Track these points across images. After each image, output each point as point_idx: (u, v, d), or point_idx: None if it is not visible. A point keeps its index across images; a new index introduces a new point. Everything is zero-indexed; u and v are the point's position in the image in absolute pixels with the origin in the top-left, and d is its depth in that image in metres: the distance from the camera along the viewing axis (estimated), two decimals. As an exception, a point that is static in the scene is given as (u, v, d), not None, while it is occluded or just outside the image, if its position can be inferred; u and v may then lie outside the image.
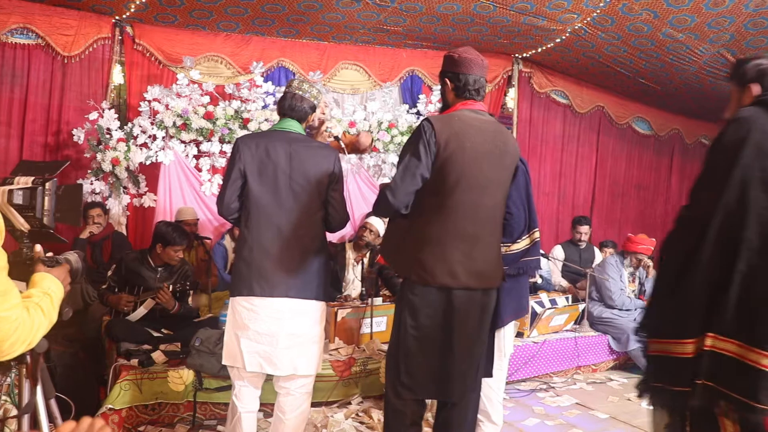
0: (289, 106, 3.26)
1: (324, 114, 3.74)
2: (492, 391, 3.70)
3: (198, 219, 6.04)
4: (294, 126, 3.24)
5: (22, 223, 2.18)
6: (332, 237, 6.14)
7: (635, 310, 6.04)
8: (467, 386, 3.02)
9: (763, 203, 2.17)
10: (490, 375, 3.26)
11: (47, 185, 2.20)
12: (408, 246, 2.99)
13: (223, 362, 3.25)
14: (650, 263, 6.25)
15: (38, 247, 2.15)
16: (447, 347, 2.93)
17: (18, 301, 1.75)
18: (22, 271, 2.12)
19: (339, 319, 4.63)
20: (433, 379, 2.96)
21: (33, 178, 2.20)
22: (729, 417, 2.18)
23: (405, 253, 2.99)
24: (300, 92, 3.26)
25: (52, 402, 2.39)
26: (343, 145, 3.95)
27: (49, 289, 1.96)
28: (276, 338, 3.09)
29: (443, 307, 2.91)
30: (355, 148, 3.81)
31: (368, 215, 5.79)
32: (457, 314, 2.91)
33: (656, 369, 2.39)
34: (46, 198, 2.20)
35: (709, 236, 2.21)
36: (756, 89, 2.45)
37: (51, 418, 2.41)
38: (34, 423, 2.36)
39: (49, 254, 2.16)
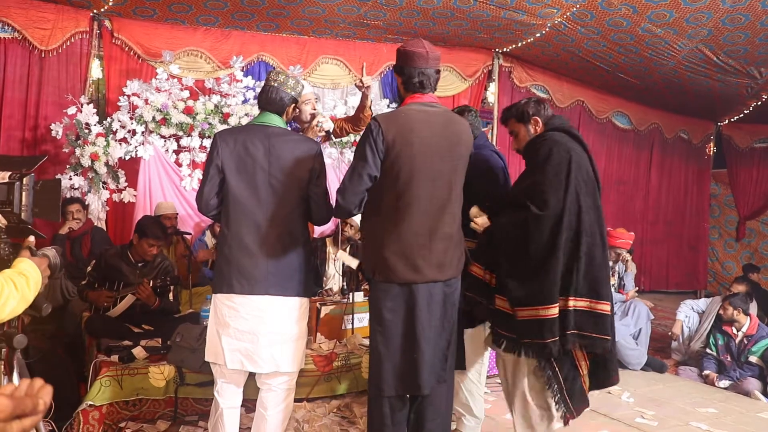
0: (266, 99, 3.20)
1: (315, 109, 3.74)
2: (474, 384, 3.73)
3: (177, 213, 6.01)
4: (273, 120, 3.18)
5: (0, 221, 2.15)
6: (313, 232, 6.14)
7: (615, 304, 6.07)
8: (436, 378, 3.04)
9: (589, 204, 3.04)
10: (462, 367, 3.29)
11: (25, 180, 2.17)
12: (370, 245, 3.04)
13: (206, 359, 3.23)
14: (629, 257, 6.30)
15: (31, 238, 2.13)
16: (412, 342, 2.95)
17: None
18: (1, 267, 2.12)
19: (322, 315, 4.63)
20: (402, 374, 2.98)
21: (10, 173, 2.17)
22: (580, 350, 3.11)
23: (368, 253, 3.05)
24: (277, 84, 3.20)
25: None
26: (333, 138, 3.95)
27: (26, 271, 1.93)
28: (257, 336, 3.07)
29: (406, 303, 2.95)
30: (354, 120, 3.80)
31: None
32: (419, 308, 2.94)
33: (526, 329, 3.08)
34: (24, 193, 2.17)
35: (563, 229, 3.00)
36: (540, 121, 3.27)
37: None
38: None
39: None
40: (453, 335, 3.12)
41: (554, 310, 3.02)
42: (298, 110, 3.39)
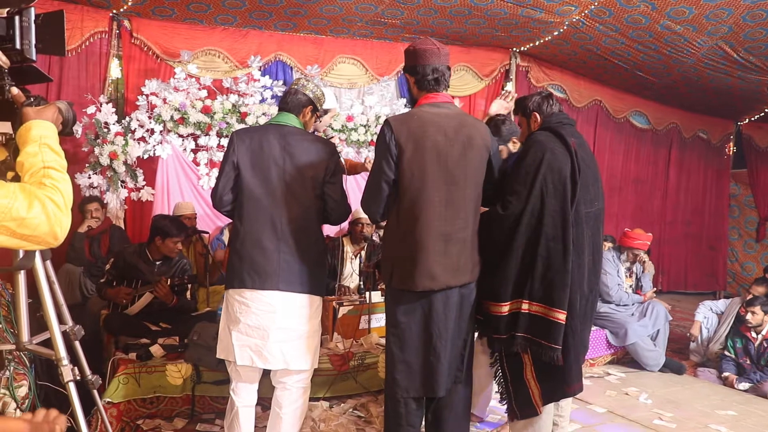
0: (284, 100, 3.28)
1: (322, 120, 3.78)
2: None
3: (196, 213, 6.03)
4: (289, 119, 3.22)
5: (1, 59, 2.01)
6: (330, 231, 6.14)
7: (632, 305, 6.05)
8: (452, 380, 3.05)
9: (555, 207, 3.01)
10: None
11: (24, 14, 2.02)
12: (388, 250, 3.05)
13: (217, 355, 3.26)
14: (646, 258, 6.25)
15: (15, 90, 2.02)
16: (428, 345, 2.97)
17: (27, 205, 1.65)
18: (3, 110, 2.05)
19: (339, 315, 4.63)
20: (419, 377, 2.99)
21: (7, 9, 2.01)
22: (527, 354, 3.11)
23: (387, 259, 3.05)
24: (296, 86, 3.29)
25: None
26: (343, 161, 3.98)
27: (43, 138, 1.83)
28: (267, 332, 3.08)
29: (421, 307, 2.96)
30: (353, 171, 3.86)
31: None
32: (435, 312, 2.95)
33: (485, 320, 3.18)
34: (25, 27, 2.02)
35: (521, 230, 3.03)
36: (539, 117, 3.28)
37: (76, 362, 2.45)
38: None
39: None
40: (469, 335, 3.12)
41: (503, 309, 3.09)
42: (317, 114, 3.40)
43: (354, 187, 6.55)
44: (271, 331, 3.08)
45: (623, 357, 6.13)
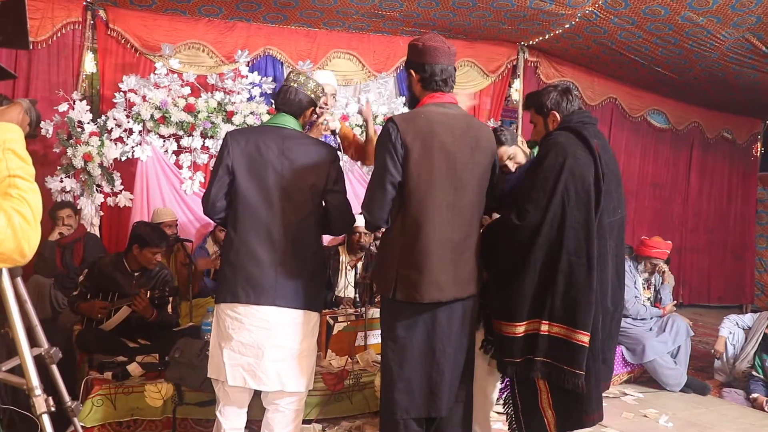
0: (283, 100, 3.25)
1: (326, 105, 3.73)
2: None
3: (177, 220, 6.00)
4: (288, 121, 3.22)
5: None
6: (324, 240, 6.12)
7: (651, 319, 6.03)
8: (454, 398, 3.06)
9: (577, 218, 2.94)
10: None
11: None
12: (388, 259, 3.03)
13: (208, 375, 3.24)
14: (665, 268, 6.24)
15: None
16: (430, 360, 2.98)
17: None
18: None
19: (334, 332, 4.61)
20: (420, 395, 2.99)
21: None
22: (543, 381, 3.07)
23: (387, 270, 3.02)
24: (295, 85, 3.25)
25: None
26: (338, 140, 3.94)
27: (7, 142, 1.78)
28: (262, 350, 3.07)
29: (425, 324, 2.96)
30: (359, 152, 3.79)
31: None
32: (438, 325, 2.96)
33: (498, 344, 3.17)
34: None
35: (539, 242, 2.97)
36: (558, 116, 3.18)
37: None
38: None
39: None
40: (472, 349, 3.14)
41: (518, 330, 3.03)
42: (315, 115, 3.40)
43: (351, 195, 6.53)
44: (266, 349, 3.07)
45: (641, 375, 6.11)
